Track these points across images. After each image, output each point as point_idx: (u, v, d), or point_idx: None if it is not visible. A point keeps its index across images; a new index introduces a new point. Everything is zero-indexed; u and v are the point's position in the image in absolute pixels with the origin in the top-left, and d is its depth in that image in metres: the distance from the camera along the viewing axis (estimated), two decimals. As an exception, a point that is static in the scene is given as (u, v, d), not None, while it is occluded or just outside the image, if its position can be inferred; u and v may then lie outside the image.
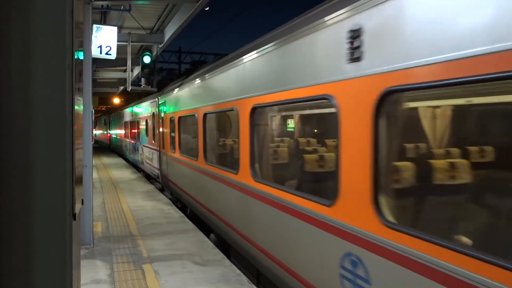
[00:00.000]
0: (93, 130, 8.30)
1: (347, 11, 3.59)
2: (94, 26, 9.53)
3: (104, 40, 9.91)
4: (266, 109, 5.91)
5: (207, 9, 10.29)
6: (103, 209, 10.52)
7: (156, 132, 14.80)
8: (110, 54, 10.07)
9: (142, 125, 18.49)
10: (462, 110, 4.90)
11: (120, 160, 25.97)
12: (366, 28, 3.35)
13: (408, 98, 3.73)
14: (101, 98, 36.83)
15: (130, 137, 23.10)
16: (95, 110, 16.78)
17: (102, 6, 10.06)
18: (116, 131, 32.11)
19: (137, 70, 14.57)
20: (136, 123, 20.54)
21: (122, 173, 18.73)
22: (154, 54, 12.73)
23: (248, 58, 5.94)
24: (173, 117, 11.60)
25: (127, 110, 24.57)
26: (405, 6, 2.98)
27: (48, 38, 1.44)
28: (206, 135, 8.35)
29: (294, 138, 8.19)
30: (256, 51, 5.65)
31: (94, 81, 17.55)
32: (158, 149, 14.38)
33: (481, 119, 5.05)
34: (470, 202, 4.00)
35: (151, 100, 16.00)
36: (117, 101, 37.27)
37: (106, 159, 26.29)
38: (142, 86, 12.33)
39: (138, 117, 19.73)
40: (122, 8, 10.31)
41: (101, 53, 9.97)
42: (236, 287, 5.44)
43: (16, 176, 1.43)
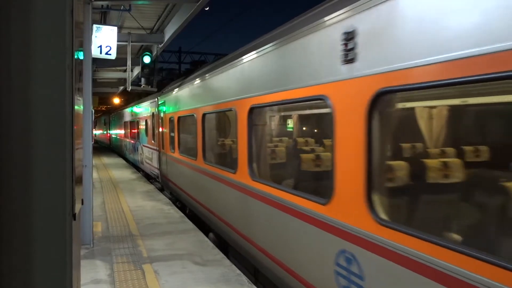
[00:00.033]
0: (93, 130, 8.30)
1: (342, 13, 3.66)
2: (94, 26, 9.53)
3: (104, 40, 9.92)
4: (264, 109, 5.97)
5: (207, 9, 10.30)
6: (103, 209, 10.52)
7: (155, 132, 14.81)
8: (110, 54, 10.08)
9: (142, 125, 18.49)
10: (453, 110, 5.03)
11: (120, 160, 25.97)
12: (360, 30, 3.42)
13: (400, 98, 3.81)
14: (101, 98, 36.80)
15: (130, 137, 23.11)
16: (95, 110, 16.78)
17: (102, 6, 10.06)
18: (116, 131, 32.11)
19: (137, 70, 14.56)
20: (136, 123, 20.55)
21: (122, 173, 18.73)
22: (154, 54, 12.73)
23: (245, 59, 5.98)
24: (172, 117, 11.62)
25: (127, 110, 24.58)
26: (396, 10, 3.06)
27: (48, 38, 1.45)
28: (205, 135, 8.40)
29: (290, 137, 8.26)
30: (253, 52, 5.69)
31: (94, 81, 17.54)
32: (157, 149, 14.38)
33: (470, 119, 5.23)
34: (460, 201, 4.10)
35: (151, 100, 16.01)
36: (117, 101, 37.25)
37: (106, 159, 26.29)
38: (142, 86, 12.33)
39: (138, 117, 19.74)
40: (122, 8, 10.31)
41: (101, 53, 9.97)
42: (236, 287, 5.45)
43: (16, 176, 1.44)
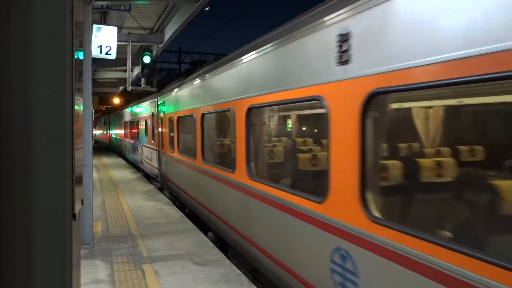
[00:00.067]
0: (93, 130, 8.30)
1: (337, 16, 3.71)
2: (94, 26, 9.53)
3: (104, 40, 9.91)
4: (262, 109, 6.01)
5: (207, 9, 10.30)
6: (103, 209, 10.51)
7: (155, 132, 14.82)
8: (110, 54, 10.07)
9: (142, 125, 18.49)
10: (445, 111, 5.12)
11: (120, 160, 25.96)
12: (354, 32, 3.47)
13: (393, 99, 3.87)
14: (101, 98, 36.80)
15: (129, 137, 23.11)
16: (95, 110, 16.76)
17: (102, 6, 10.06)
18: (116, 131, 32.12)
19: (137, 70, 14.55)
20: (135, 123, 20.55)
21: (122, 173, 18.73)
22: (154, 54, 12.72)
23: (243, 60, 6.02)
24: (172, 117, 11.63)
25: (127, 110, 24.58)
26: (389, 13, 3.10)
27: (48, 38, 1.45)
28: (204, 135, 8.45)
29: (288, 137, 8.30)
30: (251, 53, 5.73)
31: (94, 81, 17.53)
32: (157, 149, 14.38)
33: (465, 119, 5.37)
34: (451, 199, 4.17)
35: (151, 100, 16.01)
36: (117, 101, 37.26)
37: (106, 159, 26.29)
38: (142, 86, 12.32)
39: (138, 117, 19.74)
40: (122, 8, 10.31)
41: (101, 53, 9.97)
42: (236, 287, 5.45)
43: (16, 176, 1.43)
